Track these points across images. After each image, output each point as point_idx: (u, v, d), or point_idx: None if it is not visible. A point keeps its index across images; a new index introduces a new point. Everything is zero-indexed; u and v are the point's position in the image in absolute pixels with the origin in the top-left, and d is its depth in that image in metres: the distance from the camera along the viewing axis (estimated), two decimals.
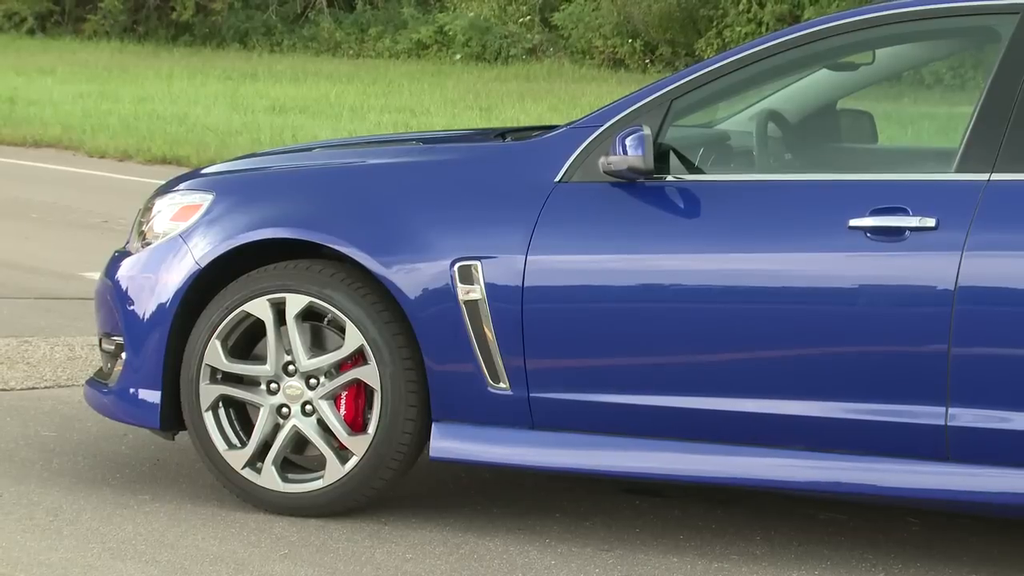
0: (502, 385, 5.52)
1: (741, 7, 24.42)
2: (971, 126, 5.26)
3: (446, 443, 5.59)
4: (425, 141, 6.47)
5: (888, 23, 5.62)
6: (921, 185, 5.29)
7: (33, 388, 7.41)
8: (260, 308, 5.69)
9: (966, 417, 5.11)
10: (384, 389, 5.58)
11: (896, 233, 5.18)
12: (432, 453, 5.62)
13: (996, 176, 5.16)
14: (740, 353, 5.33)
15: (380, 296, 5.60)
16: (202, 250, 5.79)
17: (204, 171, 6.32)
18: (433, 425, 5.60)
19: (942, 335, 5.10)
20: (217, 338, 5.73)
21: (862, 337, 5.19)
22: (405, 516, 5.76)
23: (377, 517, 5.73)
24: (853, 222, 5.22)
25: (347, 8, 31.48)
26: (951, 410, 5.12)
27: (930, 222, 5.15)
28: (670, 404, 5.38)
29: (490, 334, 5.50)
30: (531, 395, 5.50)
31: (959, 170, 5.23)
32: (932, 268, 5.13)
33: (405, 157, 6.06)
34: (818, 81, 6.01)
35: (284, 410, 5.71)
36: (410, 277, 5.57)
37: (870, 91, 6.25)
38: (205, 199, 5.91)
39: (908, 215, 5.17)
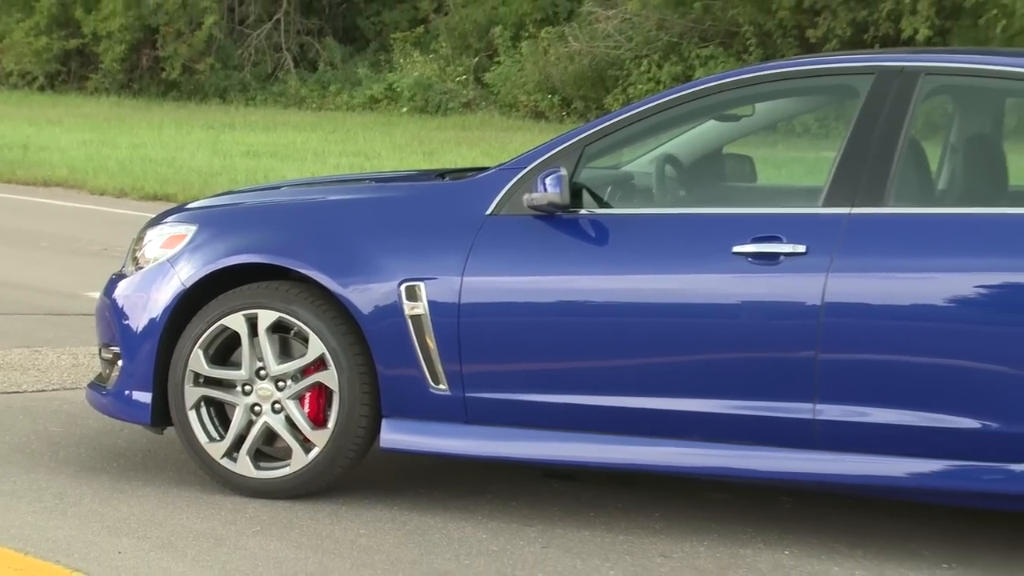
0: (442, 386, 5.51)
1: (642, 68, 24.50)
2: (835, 168, 5.29)
3: (394, 436, 5.58)
4: (377, 180, 6.45)
5: (766, 81, 5.66)
6: (793, 217, 5.30)
7: (42, 391, 7.34)
8: (236, 322, 5.67)
9: (831, 412, 5.13)
10: (342, 390, 5.56)
11: (772, 258, 5.19)
12: (382, 444, 5.60)
13: (856, 210, 5.19)
14: (643, 359, 5.33)
15: (338, 312, 5.58)
16: (187, 273, 5.76)
17: (189, 206, 6.27)
18: (383, 420, 5.58)
19: (810, 343, 5.12)
20: (200, 348, 5.69)
21: (744, 345, 5.21)
22: (359, 498, 5.74)
23: (336, 499, 5.70)
24: (736, 248, 5.23)
25: (311, 69, 31.40)
26: (818, 406, 5.13)
27: (801, 248, 5.17)
28: (585, 402, 5.38)
29: (432, 343, 5.49)
30: (466, 395, 5.49)
31: (825, 205, 5.25)
32: (802, 287, 5.14)
33: (360, 194, 6.04)
34: (707, 130, 6.02)
35: (257, 408, 5.68)
36: (364, 296, 5.55)
37: (751, 138, 6.27)
38: (190, 230, 5.88)
39: (782, 242, 5.19)
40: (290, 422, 5.66)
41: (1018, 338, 4.95)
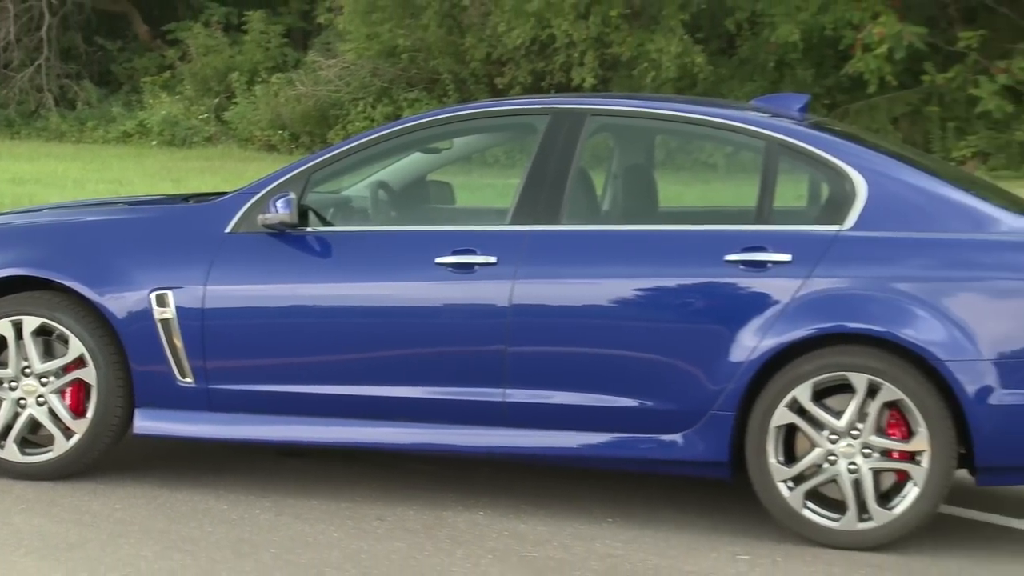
0: (188, 379, 5.40)
1: (359, 108, 24.52)
2: (519, 192, 5.37)
3: (146, 423, 5.45)
4: (129, 203, 6.32)
5: (462, 120, 5.73)
6: (486, 233, 5.37)
7: None
8: (3, 327, 5.47)
9: (518, 395, 5.20)
10: (99, 385, 5.41)
11: (468, 268, 5.24)
12: (136, 430, 5.47)
13: (536, 227, 5.28)
14: (360, 354, 5.32)
15: (96, 317, 5.43)
16: None
17: None
18: (136, 410, 5.45)
19: (500, 339, 5.19)
20: None
21: (445, 341, 5.24)
22: (116, 477, 5.58)
23: (94, 478, 5.54)
24: (439, 260, 5.27)
25: (70, 107, 30.42)
26: (507, 391, 5.20)
27: (492, 259, 5.23)
28: (311, 391, 5.34)
29: (179, 343, 5.38)
30: (210, 387, 5.40)
31: (512, 223, 5.33)
32: (494, 292, 5.21)
33: (115, 215, 5.90)
34: (413, 160, 6.05)
35: (22, 402, 5.49)
36: (119, 303, 5.41)
37: (450, 167, 6.32)
38: None
39: (477, 254, 5.25)
40: (53, 413, 5.48)
41: (666, 332, 5.10)
